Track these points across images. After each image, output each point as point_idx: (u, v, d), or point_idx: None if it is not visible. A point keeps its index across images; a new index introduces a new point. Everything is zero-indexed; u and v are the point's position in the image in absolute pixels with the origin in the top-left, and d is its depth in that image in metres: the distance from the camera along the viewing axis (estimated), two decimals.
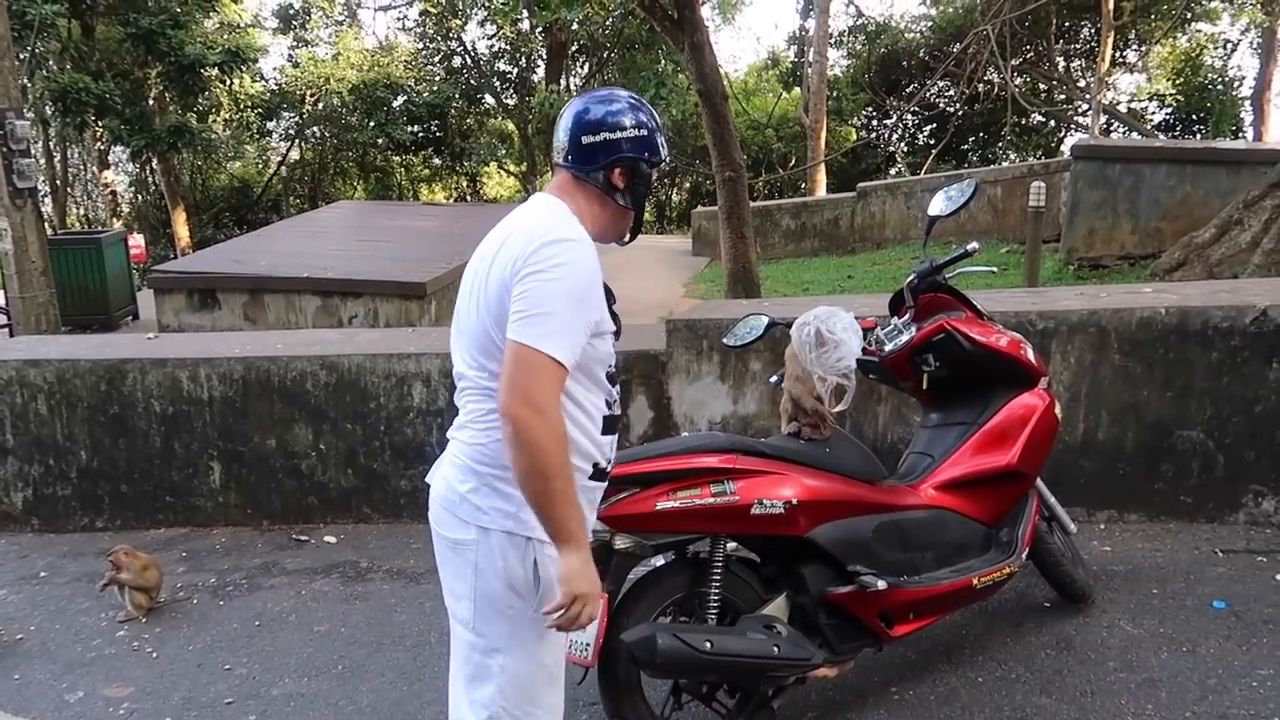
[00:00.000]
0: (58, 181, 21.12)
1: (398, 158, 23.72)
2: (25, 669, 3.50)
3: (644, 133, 2.01)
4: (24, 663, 3.55)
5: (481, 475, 1.94)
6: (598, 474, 2.02)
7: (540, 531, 1.88)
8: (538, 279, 1.79)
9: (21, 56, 11.57)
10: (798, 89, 22.91)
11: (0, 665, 3.53)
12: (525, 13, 18.12)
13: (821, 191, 18.38)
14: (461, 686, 2.02)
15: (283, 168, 24.41)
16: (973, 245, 3.00)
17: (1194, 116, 19.98)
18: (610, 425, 2.02)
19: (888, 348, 3.06)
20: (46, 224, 8.96)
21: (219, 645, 3.61)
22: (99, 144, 20.80)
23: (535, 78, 23.14)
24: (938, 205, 3.06)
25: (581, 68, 23.89)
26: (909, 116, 22.56)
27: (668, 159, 2.12)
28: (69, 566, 4.43)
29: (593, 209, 2.00)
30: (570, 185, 2.01)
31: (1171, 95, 20.42)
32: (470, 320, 1.95)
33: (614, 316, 1.99)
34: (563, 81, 22.42)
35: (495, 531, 1.91)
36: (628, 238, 2.11)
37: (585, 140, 1.97)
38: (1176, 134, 19.99)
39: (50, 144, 20.46)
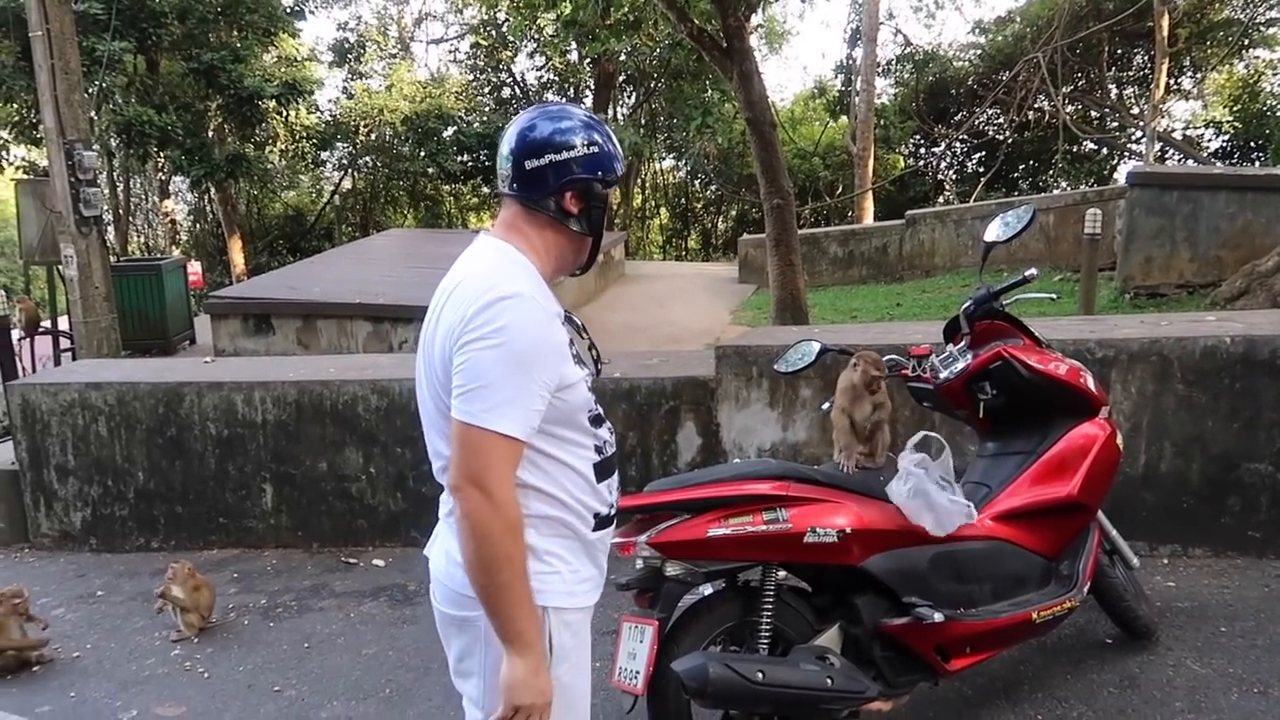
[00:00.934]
0: (120, 210, 21.78)
1: (447, 186, 24.08)
2: (81, 687, 3.55)
3: (594, 150, 1.78)
4: (80, 680, 3.61)
5: None
6: (602, 522, 1.84)
7: (553, 598, 1.74)
8: (474, 348, 1.61)
9: (90, 90, 11.98)
10: (845, 117, 22.88)
11: (57, 683, 3.60)
12: (574, 44, 18.39)
13: (869, 219, 18.28)
14: None
15: (335, 196, 24.92)
16: (1031, 272, 2.94)
17: (1252, 144, 19.54)
18: (607, 468, 1.84)
19: (943, 375, 3.01)
20: (110, 251, 9.21)
21: (269, 666, 3.63)
22: (160, 174, 21.44)
23: (583, 107, 23.41)
24: (994, 231, 3.01)
25: (629, 97, 24.13)
26: (957, 144, 22.40)
27: (620, 175, 1.87)
28: (125, 586, 4.51)
29: (546, 241, 1.80)
30: (518, 218, 1.80)
31: (1229, 122, 20.01)
32: (432, 386, 1.75)
33: (590, 351, 1.84)
34: (610, 110, 22.66)
35: None
36: (583, 267, 1.91)
37: (530, 165, 1.76)
38: (1233, 161, 19.56)
39: (114, 174, 21.13)
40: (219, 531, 4.88)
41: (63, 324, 9.16)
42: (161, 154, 16.26)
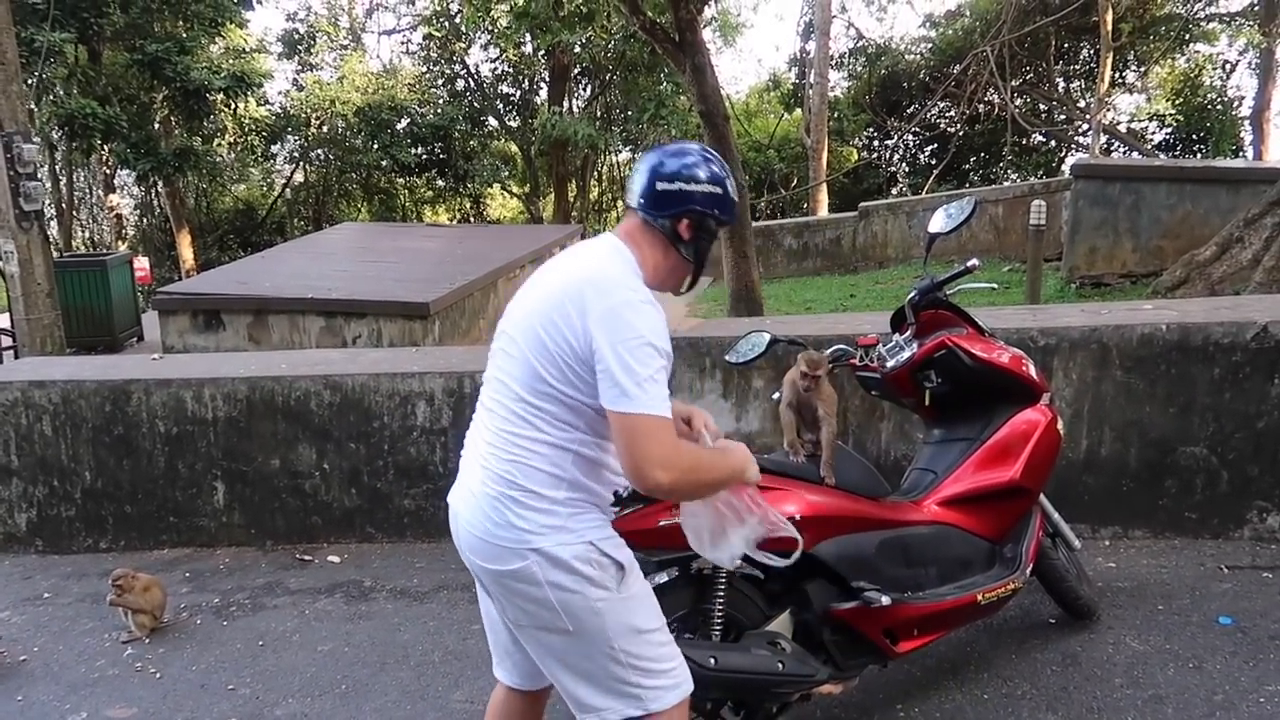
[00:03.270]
0: (63, 205, 21.24)
1: (401, 180, 23.86)
2: (29, 690, 3.49)
3: (717, 190, 2.06)
4: (27, 684, 3.54)
5: (517, 498, 1.96)
6: (616, 500, 2.11)
7: (591, 533, 1.99)
8: (627, 346, 1.85)
9: (29, 82, 11.65)
10: (799, 110, 23.06)
11: (3, 687, 3.53)
12: (528, 36, 18.29)
13: (823, 211, 18.46)
14: (586, 698, 2.04)
15: (287, 190, 24.55)
16: (973, 262, 3.02)
17: (1194, 136, 20.07)
18: None
19: (890, 364, 3.07)
20: (53, 247, 9.00)
21: (222, 665, 3.60)
22: (105, 168, 20.95)
23: (538, 100, 23.31)
24: (938, 223, 3.07)
25: (584, 90, 24.07)
26: (910, 137, 22.70)
27: (732, 221, 2.24)
28: (73, 587, 4.43)
29: (655, 257, 2.06)
30: (638, 231, 2.07)
31: (1171, 115, 20.51)
32: (522, 350, 1.98)
33: None
34: (565, 103, 22.58)
35: (550, 547, 1.95)
36: (685, 289, 2.17)
37: (661, 187, 2.03)
38: (1176, 154, 20.07)
39: (57, 168, 20.59)
40: (169, 531, 4.81)
41: (3, 322, 8.94)
42: (105, 147, 15.89)
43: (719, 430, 2.27)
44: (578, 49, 20.14)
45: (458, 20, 21.29)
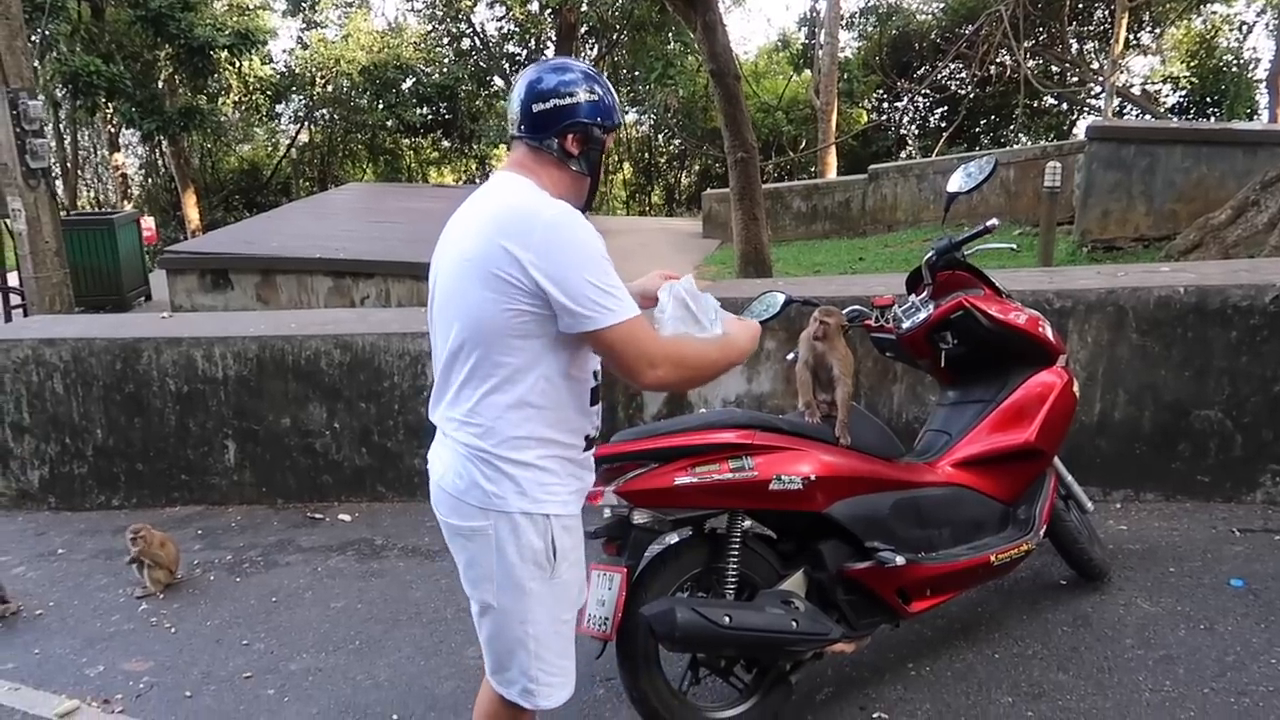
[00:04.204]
0: (68, 164, 21.14)
1: (407, 140, 23.70)
2: (45, 644, 3.53)
3: (595, 97, 2.00)
4: (44, 638, 3.58)
5: (487, 459, 1.94)
6: (589, 444, 2.09)
7: (553, 506, 1.98)
8: (570, 267, 1.84)
9: (32, 39, 11.54)
10: (808, 71, 22.77)
11: (21, 640, 3.57)
12: None
13: (832, 174, 18.29)
14: (494, 660, 2.09)
15: (292, 150, 24.40)
16: (992, 221, 2.98)
17: (1208, 99, 19.81)
18: (596, 395, 2.09)
19: (905, 325, 3.05)
20: (59, 205, 8.93)
21: (236, 621, 3.63)
22: (109, 126, 20.82)
23: (545, 58, 23.06)
24: (956, 182, 3.03)
25: (591, 49, 23.77)
26: (920, 99, 22.43)
27: (620, 124, 2.13)
28: (86, 543, 4.46)
29: (552, 178, 2.00)
30: (528, 158, 2.01)
31: (1186, 78, 20.25)
32: (458, 308, 1.93)
33: None
34: None
35: (513, 514, 1.95)
36: (583, 207, 2.06)
37: (537, 108, 1.98)
38: (1191, 117, 19.82)
39: (61, 126, 20.45)
40: (181, 488, 4.84)
41: (11, 280, 8.93)
42: (110, 105, 15.78)
43: (682, 277, 2.21)
44: (585, 7, 19.88)
45: None
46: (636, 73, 21.63)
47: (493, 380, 1.93)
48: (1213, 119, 19.18)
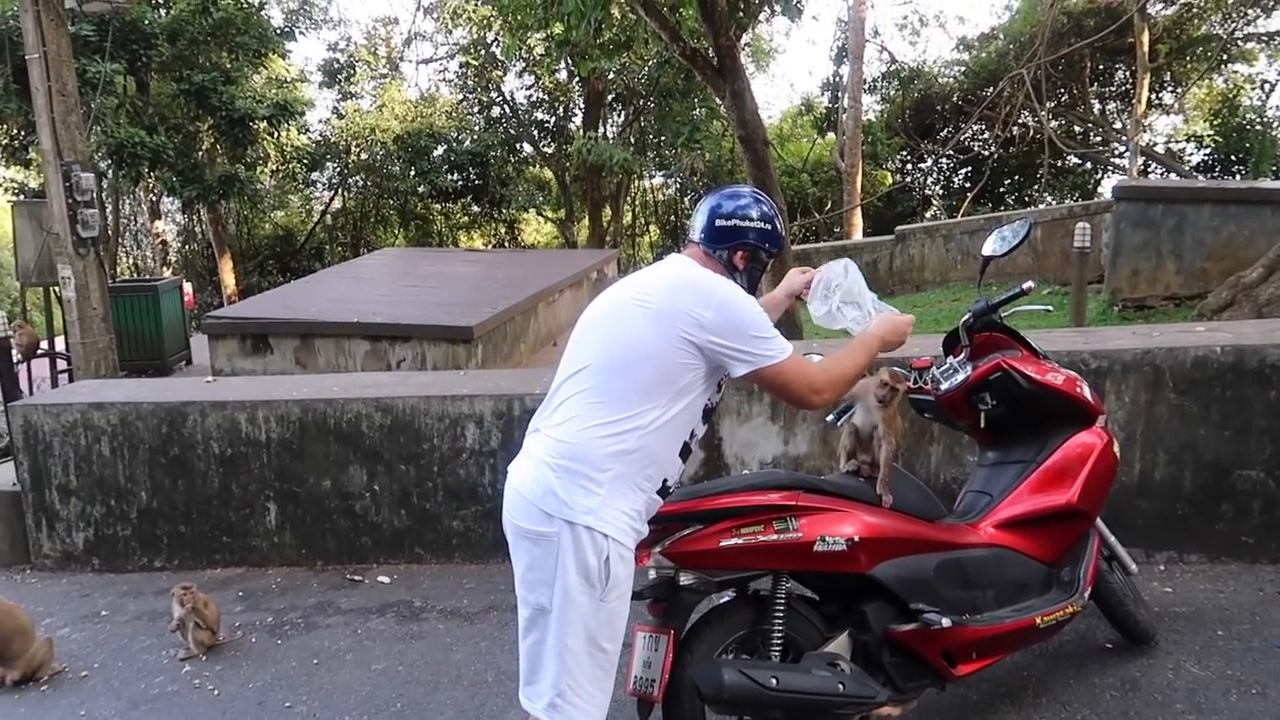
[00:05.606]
0: (110, 231, 21.72)
1: (438, 205, 24.14)
2: (91, 705, 3.57)
3: (768, 227, 2.41)
4: (89, 699, 3.62)
5: (571, 472, 2.16)
6: (663, 490, 2.32)
7: (615, 530, 2.18)
8: (740, 324, 2.23)
9: (82, 112, 11.99)
10: (832, 134, 23.09)
11: (67, 701, 3.61)
12: (564, 63, 18.53)
13: (858, 235, 18.43)
14: (529, 668, 2.28)
15: (326, 216, 24.94)
16: (1029, 284, 3.02)
17: (1233, 157, 19.81)
18: (686, 450, 2.34)
19: (944, 386, 3.08)
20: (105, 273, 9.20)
21: (279, 683, 3.65)
22: (151, 195, 21.42)
23: (572, 125, 23.53)
24: (992, 245, 3.09)
25: (618, 115, 24.27)
26: (944, 160, 22.61)
27: (780, 252, 2.57)
28: (129, 605, 4.52)
29: None
30: (701, 258, 2.40)
31: (1210, 136, 20.29)
32: (608, 333, 2.29)
33: None
34: (600, 129, 22.78)
35: (579, 526, 2.15)
36: None
37: (719, 223, 2.39)
38: (1215, 175, 19.81)
39: (103, 195, 21.06)
40: (222, 550, 4.90)
41: (58, 345, 9.16)
42: (152, 175, 16.26)
43: (806, 276, 2.72)
44: (612, 75, 20.34)
45: (495, 49, 21.61)
46: (663, 137, 22.01)
47: (604, 404, 2.20)
48: (1238, 177, 19.17)
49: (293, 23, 19.55)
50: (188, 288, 14.63)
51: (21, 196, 15.84)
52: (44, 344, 9.33)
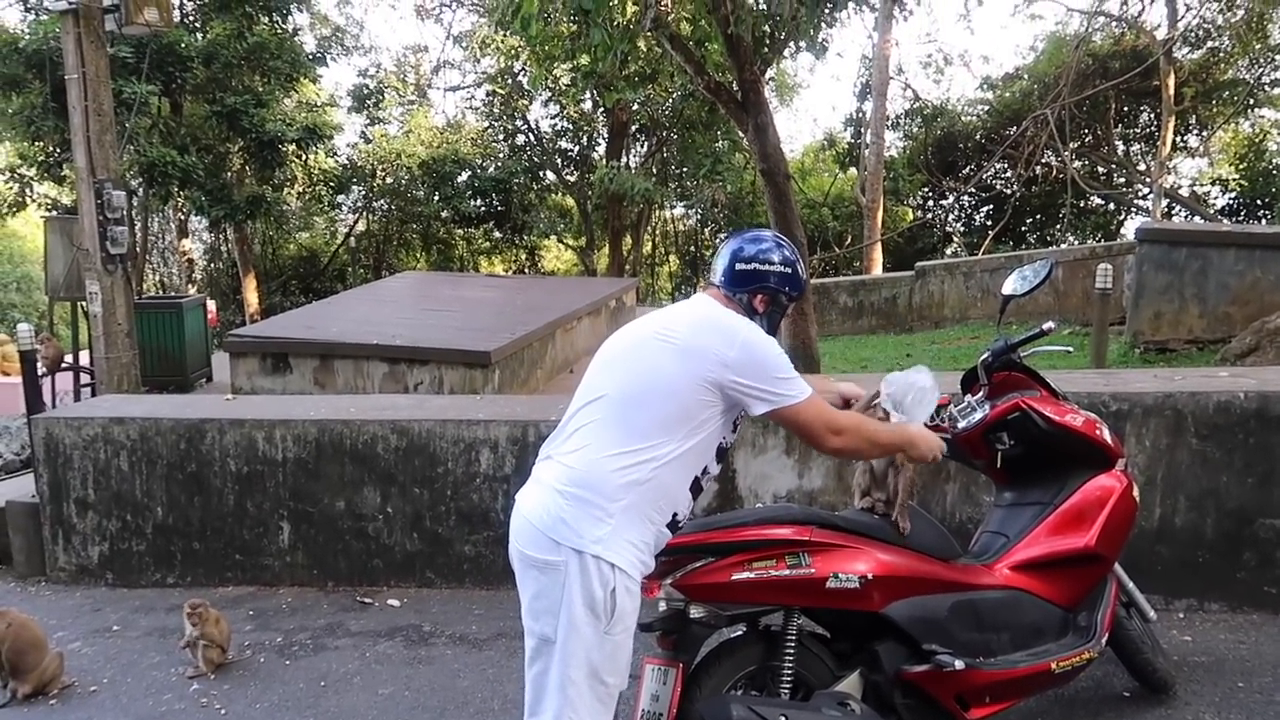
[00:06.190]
0: (137, 248, 22.02)
1: (460, 230, 24.32)
2: None
3: (788, 271, 2.43)
4: (98, 714, 3.62)
5: (583, 500, 2.17)
6: (673, 524, 2.32)
7: (623, 561, 2.18)
8: (763, 365, 2.28)
9: (117, 132, 12.20)
10: (854, 169, 23.15)
11: (75, 716, 3.62)
12: (590, 94, 18.71)
13: (877, 270, 18.41)
14: (533, 699, 2.30)
15: (350, 238, 25.18)
16: (1049, 324, 3.01)
17: (1258, 201, 19.72)
18: (698, 485, 2.36)
19: (961, 425, 3.06)
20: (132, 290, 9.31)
21: (286, 705, 3.65)
22: (179, 214, 21.72)
23: (596, 155, 23.71)
24: (1013, 284, 3.08)
25: (641, 146, 24.44)
26: (966, 198, 22.62)
27: (801, 296, 2.64)
28: (141, 621, 4.53)
29: None
30: (721, 299, 2.44)
31: (1235, 180, 20.21)
32: (628, 366, 2.32)
33: None
34: (623, 159, 22.94)
35: (587, 555, 2.16)
36: None
37: (740, 267, 2.42)
38: (1240, 219, 19.71)
39: (132, 213, 21.36)
40: (235, 568, 4.91)
41: (83, 359, 9.25)
42: (182, 194, 16.49)
43: (860, 392, 2.76)
44: (637, 106, 20.51)
45: (521, 78, 21.86)
46: (685, 168, 22.14)
47: (619, 434, 2.22)
48: (1263, 221, 19.06)
49: (325, 48, 19.85)
50: (211, 305, 14.77)
51: (55, 212, 16.09)
52: (69, 358, 9.42)
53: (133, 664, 4.06)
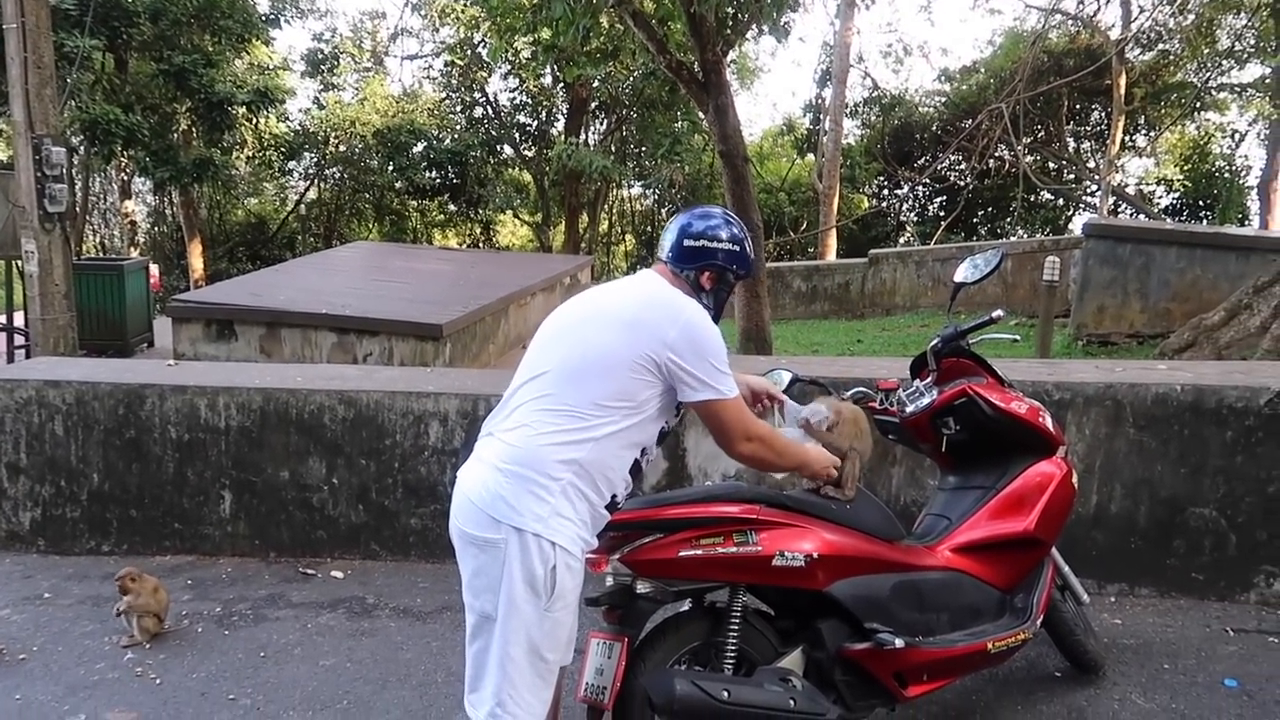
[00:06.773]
0: (78, 208, 21.37)
1: (414, 202, 24.03)
2: (27, 689, 3.47)
3: (736, 248, 2.39)
4: (26, 683, 3.53)
5: (522, 478, 2.15)
6: (611, 505, 2.31)
7: (563, 539, 2.17)
8: (698, 348, 2.23)
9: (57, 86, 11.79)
10: (811, 155, 23.29)
11: (3, 685, 3.51)
12: (550, 68, 18.53)
13: (831, 256, 18.58)
14: (474, 675, 2.31)
15: (300, 206, 24.72)
16: (998, 312, 3.06)
17: (1200, 202, 20.27)
18: (638, 468, 2.34)
19: (909, 409, 3.10)
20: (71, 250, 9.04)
21: (223, 674, 3.59)
22: (122, 174, 21.12)
23: (554, 131, 23.53)
24: (964, 273, 3.12)
25: (600, 123, 24.31)
26: (920, 188, 22.90)
27: (749, 275, 2.54)
28: (73, 589, 4.41)
29: None
30: (668, 275, 2.39)
31: (1179, 180, 20.74)
32: (574, 342, 2.27)
33: None
34: (581, 135, 22.80)
35: (527, 533, 2.14)
36: None
37: (687, 243, 2.37)
38: (1183, 218, 20.25)
39: (73, 171, 20.73)
40: (173, 537, 4.81)
41: (18, 320, 8.97)
42: (125, 154, 16.03)
43: (770, 387, 2.79)
44: (597, 83, 20.38)
45: (481, 50, 21.57)
46: (644, 148, 22.10)
47: (560, 412, 2.19)
48: (1205, 222, 19.60)
49: (278, 10, 19.38)
50: (154, 270, 14.41)
51: None
52: (2, 318, 9.13)
53: (64, 632, 3.96)
